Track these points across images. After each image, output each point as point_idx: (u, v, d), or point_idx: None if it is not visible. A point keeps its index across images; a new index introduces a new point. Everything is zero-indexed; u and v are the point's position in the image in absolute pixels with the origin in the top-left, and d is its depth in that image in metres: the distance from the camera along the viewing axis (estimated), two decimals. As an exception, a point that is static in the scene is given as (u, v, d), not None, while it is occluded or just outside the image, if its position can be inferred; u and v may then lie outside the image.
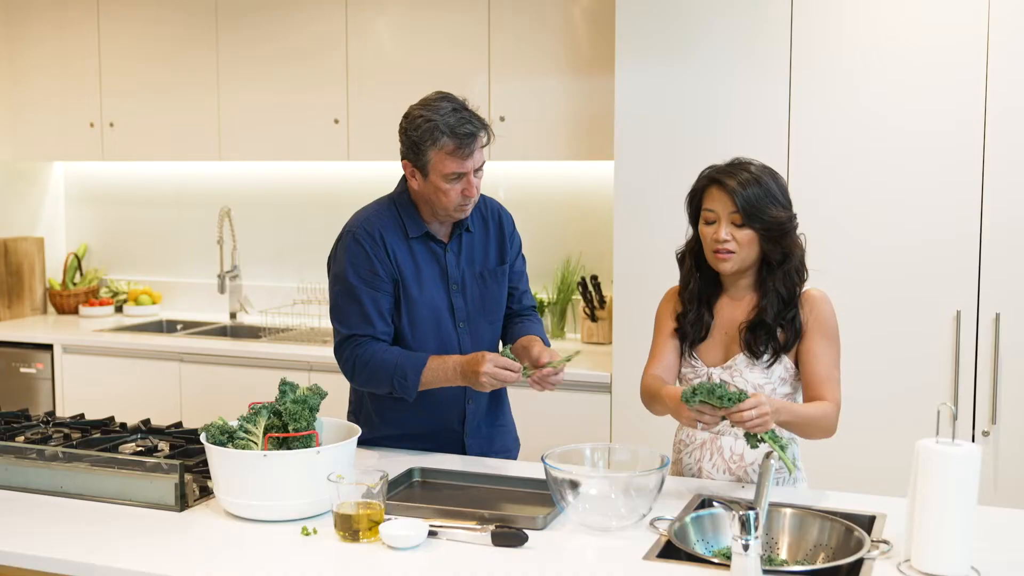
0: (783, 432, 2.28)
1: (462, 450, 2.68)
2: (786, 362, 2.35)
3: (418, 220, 2.60)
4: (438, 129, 2.43)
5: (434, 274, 2.60)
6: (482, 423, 2.71)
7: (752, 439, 2.15)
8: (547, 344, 2.69)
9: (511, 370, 2.43)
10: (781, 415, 2.19)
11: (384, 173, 4.52)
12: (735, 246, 2.30)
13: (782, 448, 2.13)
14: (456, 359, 2.50)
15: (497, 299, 2.69)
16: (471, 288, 2.64)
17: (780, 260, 2.33)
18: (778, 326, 2.33)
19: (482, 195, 2.70)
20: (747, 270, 2.37)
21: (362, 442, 2.61)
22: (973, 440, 3.26)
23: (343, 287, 2.58)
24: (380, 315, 2.56)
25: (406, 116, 2.53)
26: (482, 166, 2.51)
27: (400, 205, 2.61)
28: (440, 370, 2.50)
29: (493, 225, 2.70)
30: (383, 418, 2.67)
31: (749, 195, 2.28)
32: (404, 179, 2.64)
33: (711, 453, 2.39)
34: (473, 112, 2.49)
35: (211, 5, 4.52)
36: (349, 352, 2.57)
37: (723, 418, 2.15)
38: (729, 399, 2.09)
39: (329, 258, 2.66)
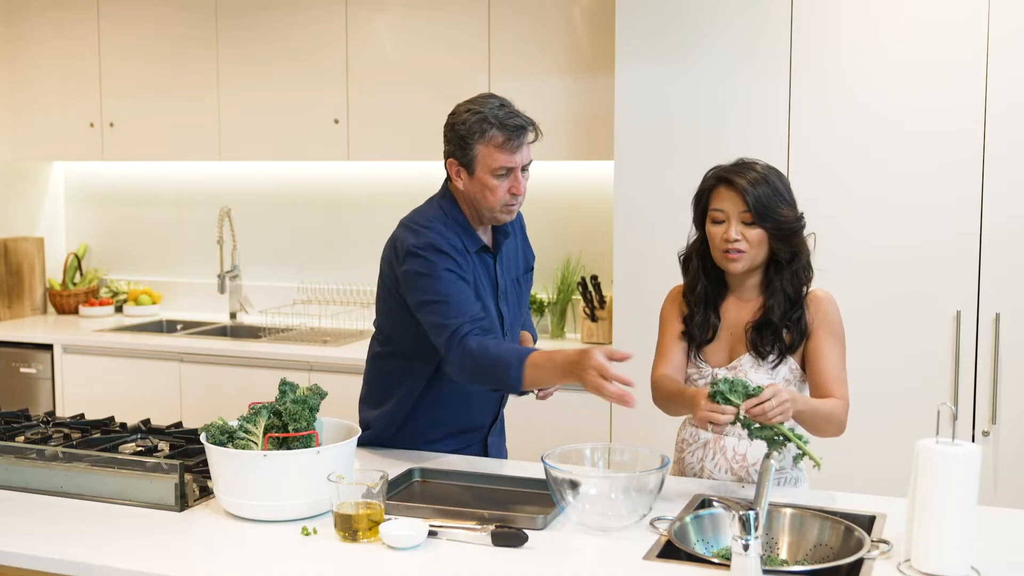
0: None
1: (484, 449, 2.67)
2: (791, 363, 2.35)
3: (473, 233, 2.51)
4: (487, 121, 2.38)
5: (487, 285, 2.55)
6: (499, 423, 2.73)
7: (776, 444, 2.11)
8: (535, 339, 2.70)
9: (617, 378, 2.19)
10: (797, 404, 2.17)
11: (384, 173, 4.53)
12: (745, 245, 2.30)
13: (805, 442, 2.12)
14: (562, 356, 2.28)
15: (524, 303, 2.70)
16: (511, 295, 2.61)
17: (788, 259, 2.33)
18: (784, 327, 2.33)
19: None
20: (755, 270, 2.36)
21: (373, 442, 2.63)
22: (973, 440, 3.26)
23: (440, 287, 2.40)
24: (474, 297, 2.42)
25: (452, 113, 2.47)
26: (529, 164, 2.46)
27: (455, 219, 2.50)
28: (548, 372, 2.29)
29: (519, 231, 2.69)
30: (414, 411, 2.59)
31: (759, 194, 2.27)
32: (444, 190, 2.55)
33: (713, 452, 2.39)
34: (519, 111, 2.45)
35: (211, 5, 4.52)
36: (452, 346, 2.36)
37: (736, 420, 2.11)
38: (746, 388, 2.09)
39: (398, 280, 2.49)
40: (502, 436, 2.76)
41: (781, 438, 2.12)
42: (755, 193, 2.27)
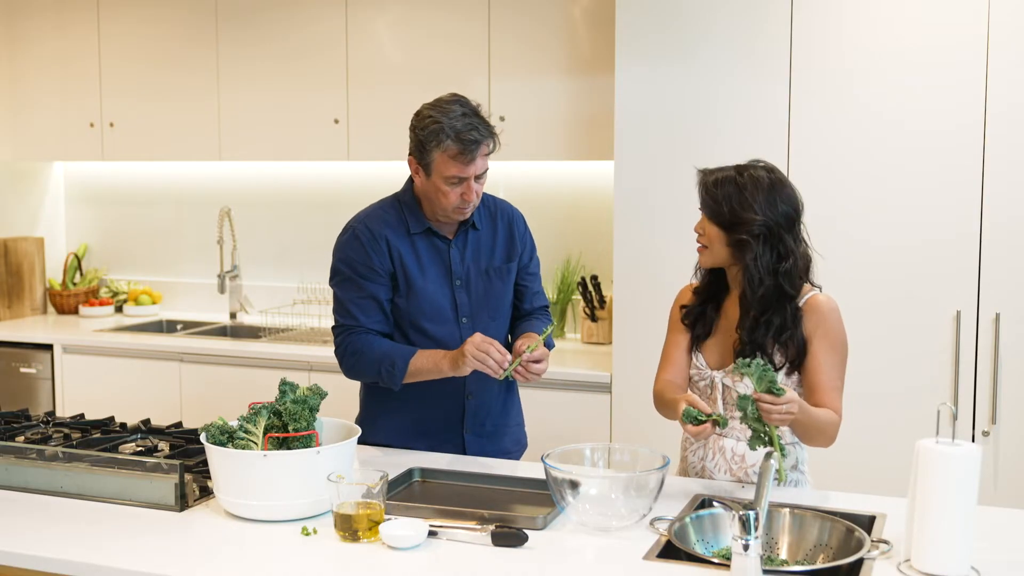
0: (786, 438, 2.28)
1: (462, 447, 2.68)
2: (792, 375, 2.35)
3: (420, 217, 2.62)
4: (443, 131, 2.45)
5: (438, 270, 2.62)
6: (486, 421, 2.70)
7: (756, 440, 2.15)
8: (550, 344, 2.69)
9: (498, 351, 2.42)
10: (799, 415, 2.18)
11: (384, 173, 4.53)
12: (706, 240, 2.34)
13: (784, 454, 2.13)
14: (446, 350, 2.53)
15: (501, 296, 2.70)
16: (475, 284, 2.65)
17: (745, 266, 2.30)
18: (776, 343, 2.31)
19: (493, 197, 2.74)
20: (729, 266, 2.37)
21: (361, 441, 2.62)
22: (973, 440, 3.26)
23: (340, 279, 2.63)
24: (377, 306, 2.59)
25: (417, 114, 2.55)
26: (484, 173, 2.53)
27: (404, 203, 2.64)
28: (430, 358, 2.52)
29: (503, 224, 2.71)
30: (382, 414, 2.68)
31: (717, 193, 2.30)
32: (409, 180, 2.66)
33: (713, 452, 2.39)
34: (483, 119, 2.50)
35: (211, 5, 4.52)
36: (340, 339, 2.63)
37: (717, 422, 2.16)
38: (773, 383, 2.11)
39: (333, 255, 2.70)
40: (488, 440, 2.71)
41: (766, 437, 2.15)
42: (713, 191, 2.30)
